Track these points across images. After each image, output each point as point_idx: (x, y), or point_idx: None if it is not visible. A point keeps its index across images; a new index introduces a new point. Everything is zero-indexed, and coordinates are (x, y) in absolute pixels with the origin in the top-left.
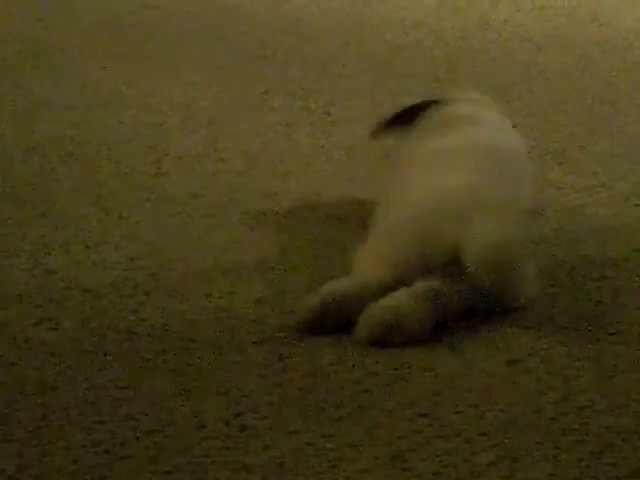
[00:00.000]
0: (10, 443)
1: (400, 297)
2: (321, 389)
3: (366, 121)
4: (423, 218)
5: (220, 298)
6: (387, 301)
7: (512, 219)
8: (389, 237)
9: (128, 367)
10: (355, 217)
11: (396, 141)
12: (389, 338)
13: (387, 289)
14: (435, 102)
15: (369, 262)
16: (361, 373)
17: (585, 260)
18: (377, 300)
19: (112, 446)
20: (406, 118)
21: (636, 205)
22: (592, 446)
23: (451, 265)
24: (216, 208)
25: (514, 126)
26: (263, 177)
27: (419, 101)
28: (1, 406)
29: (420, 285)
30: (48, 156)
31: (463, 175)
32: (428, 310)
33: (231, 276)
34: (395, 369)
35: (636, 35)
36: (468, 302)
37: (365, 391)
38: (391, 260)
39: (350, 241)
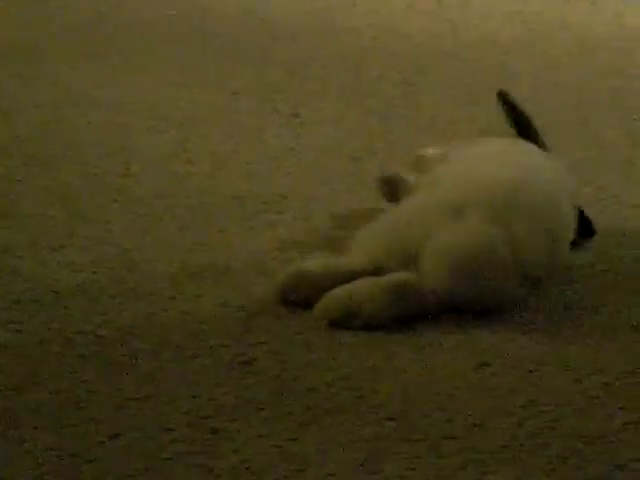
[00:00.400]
0: None
1: (362, 283)
2: (289, 392)
3: (336, 123)
4: (403, 220)
5: (187, 301)
6: (348, 286)
7: (485, 231)
8: (375, 230)
9: (94, 370)
10: (324, 219)
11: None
12: (343, 321)
13: (362, 276)
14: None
15: (354, 250)
16: (329, 376)
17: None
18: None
19: (78, 450)
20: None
21: (603, 209)
22: (558, 450)
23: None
24: (184, 210)
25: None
26: (232, 179)
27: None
28: None
29: (389, 275)
30: (14, 156)
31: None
32: (389, 299)
33: (198, 279)
34: (363, 372)
35: (605, 40)
36: (435, 301)
37: (333, 394)
38: (372, 251)
39: (319, 244)
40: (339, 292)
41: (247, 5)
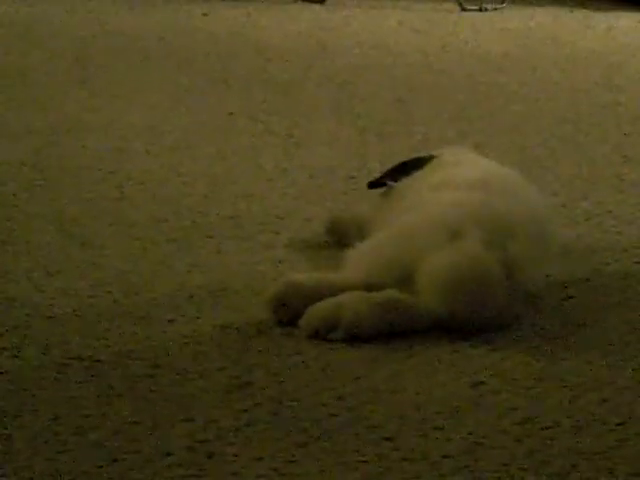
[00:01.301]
0: None
1: (348, 296)
2: (287, 414)
3: (330, 143)
4: (402, 237)
5: (185, 323)
6: (334, 298)
7: (482, 253)
8: (369, 248)
9: (92, 395)
10: (319, 239)
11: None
12: (326, 331)
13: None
14: (428, 157)
15: (348, 266)
16: (327, 397)
17: (549, 280)
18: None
19: (76, 475)
20: (401, 172)
21: (598, 225)
22: (557, 467)
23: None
24: (180, 232)
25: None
26: (227, 200)
27: (412, 158)
28: None
29: (381, 292)
30: (9, 182)
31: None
32: (374, 313)
33: (196, 301)
34: (361, 392)
35: (595, 55)
36: (428, 319)
37: (331, 415)
38: (365, 268)
39: (314, 264)
40: (324, 303)
41: (238, 27)
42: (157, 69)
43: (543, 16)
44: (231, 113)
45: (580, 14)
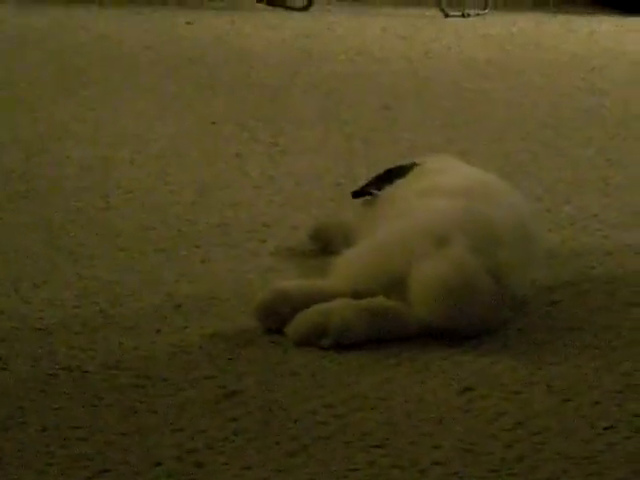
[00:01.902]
0: None
1: (335, 303)
2: (275, 422)
3: (316, 150)
4: (389, 244)
5: (173, 333)
6: (321, 305)
7: (470, 261)
8: (356, 255)
9: (80, 406)
10: (305, 247)
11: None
12: (313, 339)
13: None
14: (411, 165)
15: (335, 274)
16: (315, 404)
17: (535, 285)
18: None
19: None
20: (384, 180)
21: (583, 229)
22: (547, 472)
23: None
24: (167, 241)
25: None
26: (213, 208)
27: (397, 165)
28: None
29: (369, 299)
30: None
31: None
32: (361, 320)
33: (183, 310)
34: (349, 400)
35: (577, 60)
36: (417, 326)
37: (320, 423)
38: (353, 275)
39: (301, 271)
40: (311, 310)
41: (222, 34)
42: (143, 77)
43: (525, 21)
44: (215, 121)
45: (562, 19)
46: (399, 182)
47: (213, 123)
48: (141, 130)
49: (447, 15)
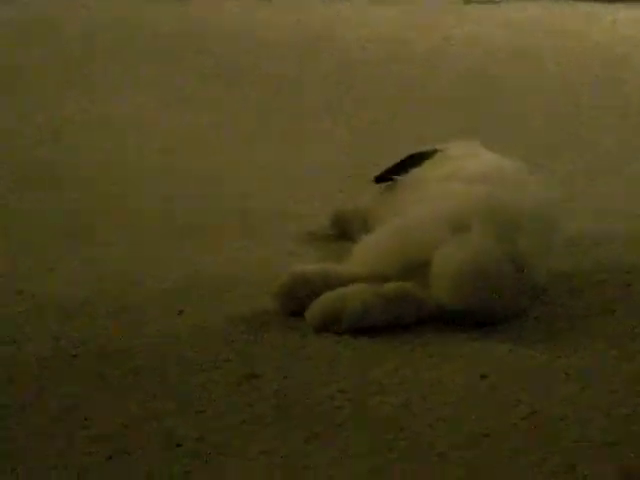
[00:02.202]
0: None
1: (354, 288)
2: (293, 407)
3: (325, 142)
4: (408, 229)
5: (193, 315)
6: (340, 289)
7: (491, 247)
8: (375, 240)
9: (99, 388)
10: (325, 232)
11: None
12: (331, 322)
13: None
14: (432, 151)
15: (354, 258)
16: (333, 389)
17: (554, 273)
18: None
19: (84, 468)
20: (406, 166)
21: (602, 218)
22: (564, 459)
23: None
24: (185, 228)
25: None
26: (224, 196)
27: (418, 151)
28: None
29: (387, 284)
30: (5, 179)
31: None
32: (380, 304)
33: (203, 293)
34: (366, 385)
35: (599, 48)
36: (435, 311)
37: (337, 408)
38: (371, 260)
39: (321, 256)
40: (330, 295)
41: (231, 25)
42: (149, 66)
43: (547, 9)
44: (223, 111)
45: (585, 6)
46: (420, 168)
47: (221, 113)
48: (147, 120)
49: (468, 1)
